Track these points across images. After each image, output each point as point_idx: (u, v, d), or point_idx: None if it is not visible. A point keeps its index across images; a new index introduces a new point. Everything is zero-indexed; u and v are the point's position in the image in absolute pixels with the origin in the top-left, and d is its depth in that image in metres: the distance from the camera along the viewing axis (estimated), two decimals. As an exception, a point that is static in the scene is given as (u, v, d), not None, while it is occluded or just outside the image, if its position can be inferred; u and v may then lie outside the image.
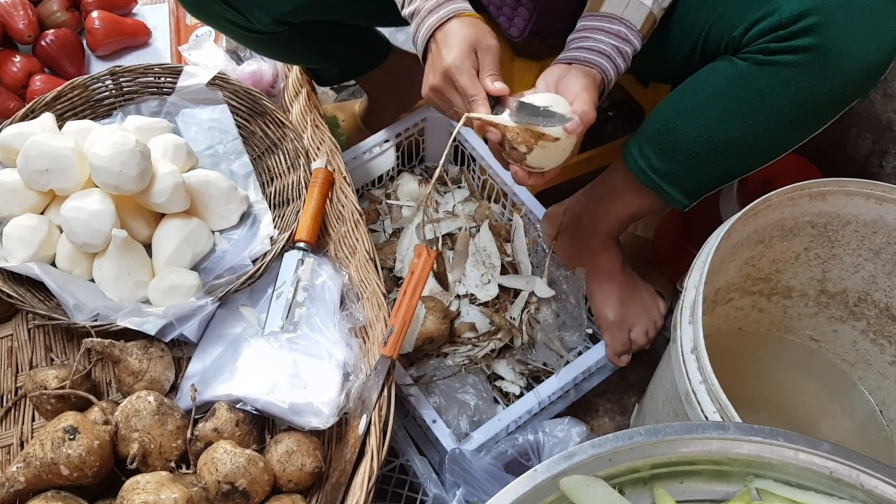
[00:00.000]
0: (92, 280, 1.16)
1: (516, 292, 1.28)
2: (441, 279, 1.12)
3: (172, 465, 1.01)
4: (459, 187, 1.45)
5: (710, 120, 0.93)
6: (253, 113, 1.31)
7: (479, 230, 1.33)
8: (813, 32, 0.82)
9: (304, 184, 1.21)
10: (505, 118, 0.88)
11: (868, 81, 0.86)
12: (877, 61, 0.83)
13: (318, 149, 1.26)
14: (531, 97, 0.88)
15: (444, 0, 0.94)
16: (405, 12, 0.97)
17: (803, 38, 0.83)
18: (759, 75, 0.87)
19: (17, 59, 1.54)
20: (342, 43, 1.29)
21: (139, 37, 1.65)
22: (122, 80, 1.31)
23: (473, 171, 1.42)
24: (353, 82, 1.65)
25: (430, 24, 0.93)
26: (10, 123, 1.21)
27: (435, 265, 1.06)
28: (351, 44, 1.31)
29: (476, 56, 0.91)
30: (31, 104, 1.25)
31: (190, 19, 1.66)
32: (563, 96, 0.88)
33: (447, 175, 1.47)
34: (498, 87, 0.90)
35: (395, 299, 1.05)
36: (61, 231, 1.15)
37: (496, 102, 0.91)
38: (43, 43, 1.56)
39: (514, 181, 0.93)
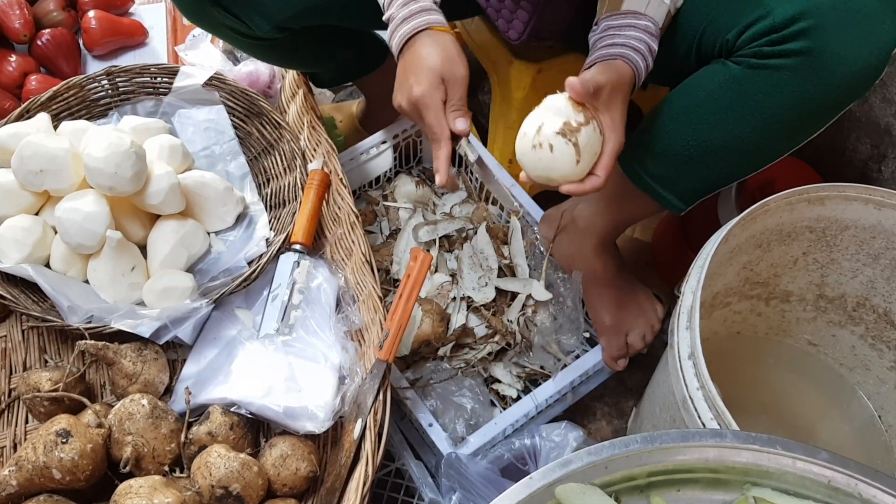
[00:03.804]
0: (86, 281, 1.15)
1: (513, 295, 1.28)
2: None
3: (166, 468, 1.00)
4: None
5: (705, 124, 0.93)
6: (249, 114, 1.30)
7: (476, 232, 1.33)
8: (806, 36, 0.81)
9: (300, 185, 1.20)
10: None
11: (862, 85, 0.85)
12: (870, 65, 0.83)
13: (315, 150, 1.25)
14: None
15: (418, 10, 0.94)
16: (384, 17, 0.98)
17: (796, 41, 0.82)
18: (752, 79, 0.87)
19: (13, 58, 1.54)
20: (341, 47, 1.29)
21: (136, 37, 1.65)
22: (118, 80, 1.31)
23: (471, 172, 1.42)
24: (350, 83, 1.65)
25: (402, 33, 0.95)
26: (6, 123, 1.21)
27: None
28: (349, 47, 1.31)
29: (444, 86, 0.93)
30: (26, 104, 1.24)
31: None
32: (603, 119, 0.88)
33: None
34: (460, 127, 0.93)
35: (391, 302, 1.05)
36: (56, 232, 1.15)
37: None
38: (39, 42, 1.55)
39: (571, 193, 0.90)
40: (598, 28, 0.93)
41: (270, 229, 1.21)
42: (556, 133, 0.84)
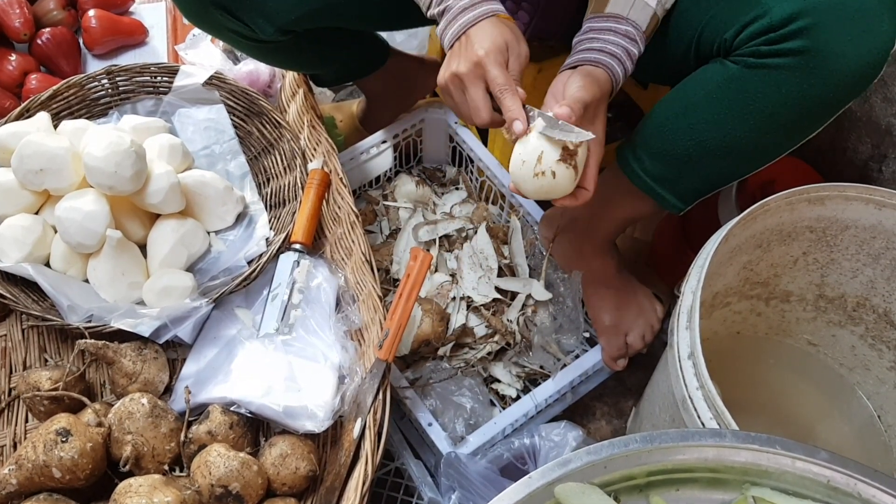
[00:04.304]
0: (86, 281, 1.15)
1: (513, 295, 1.28)
2: None
3: (166, 467, 1.00)
4: (457, 189, 1.44)
5: (703, 123, 0.93)
6: (249, 113, 1.30)
7: (476, 232, 1.33)
8: (803, 35, 0.81)
9: (300, 185, 1.20)
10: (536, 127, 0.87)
11: (860, 84, 0.85)
12: (868, 64, 0.83)
13: (315, 149, 1.25)
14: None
15: (480, 0, 0.92)
16: (433, 11, 0.95)
17: (794, 40, 0.82)
18: (750, 78, 0.87)
19: (13, 57, 1.54)
20: (343, 48, 1.29)
21: (136, 36, 1.65)
22: (118, 79, 1.31)
23: (471, 172, 1.42)
24: (350, 83, 1.65)
25: (463, 21, 0.91)
26: (6, 122, 1.21)
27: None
28: (351, 48, 1.31)
29: (507, 56, 0.90)
30: (26, 103, 1.24)
31: (187, 18, 1.65)
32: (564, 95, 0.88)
33: (445, 176, 1.46)
34: (519, 91, 0.89)
35: (391, 301, 1.05)
36: (56, 231, 1.15)
37: None
38: (39, 41, 1.55)
39: (565, 205, 0.92)
40: (581, 29, 0.94)
41: (270, 229, 1.21)
42: (557, 161, 0.85)
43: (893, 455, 1.17)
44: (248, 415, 1.03)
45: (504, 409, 1.16)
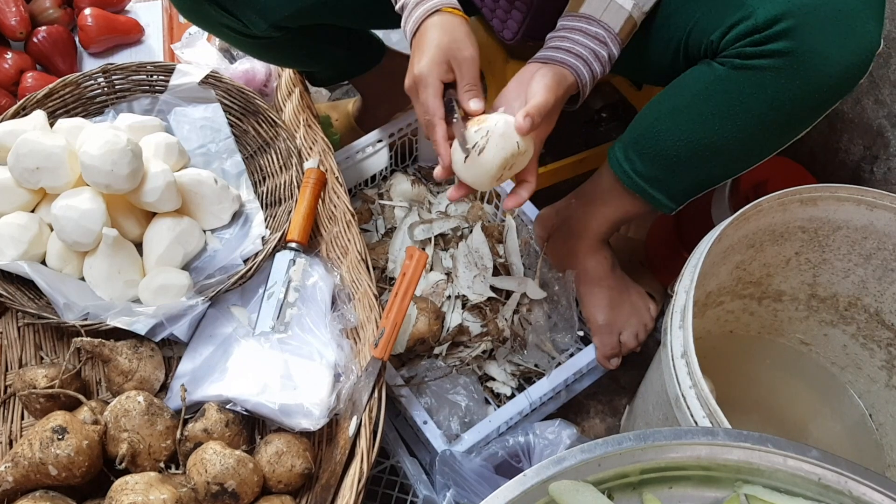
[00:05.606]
0: (82, 279, 1.15)
1: (508, 293, 1.28)
2: None
3: (161, 465, 1.01)
4: (452, 188, 1.44)
5: (691, 124, 0.93)
6: (245, 112, 1.30)
7: (471, 231, 1.33)
8: (787, 37, 0.82)
9: (296, 184, 1.21)
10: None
11: (845, 85, 0.86)
12: (852, 65, 0.83)
13: (311, 148, 1.26)
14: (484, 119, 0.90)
15: None
16: (397, 7, 0.98)
17: (778, 42, 0.83)
18: (736, 79, 0.88)
19: (9, 55, 1.54)
20: (338, 46, 1.29)
21: (132, 34, 1.65)
22: (114, 77, 1.31)
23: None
24: (346, 82, 1.65)
25: (416, 17, 0.94)
26: (1, 121, 1.21)
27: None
28: (346, 46, 1.31)
29: (449, 65, 0.92)
30: (22, 101, 1.24)
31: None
32: (528, 93, 0.90)
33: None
34: (474, 107, 0.91)
35: (387, 300, 1.05)
36: (52, 229, 1.15)
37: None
38: (35, 40, 1.55)
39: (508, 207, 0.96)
40: (556, 26, 0.95)
41: (266, 227, 1.21)
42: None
43: (884, 453, 1.18)
44: (244, 413, 1.04)
45: (499, 407, 1.17)
